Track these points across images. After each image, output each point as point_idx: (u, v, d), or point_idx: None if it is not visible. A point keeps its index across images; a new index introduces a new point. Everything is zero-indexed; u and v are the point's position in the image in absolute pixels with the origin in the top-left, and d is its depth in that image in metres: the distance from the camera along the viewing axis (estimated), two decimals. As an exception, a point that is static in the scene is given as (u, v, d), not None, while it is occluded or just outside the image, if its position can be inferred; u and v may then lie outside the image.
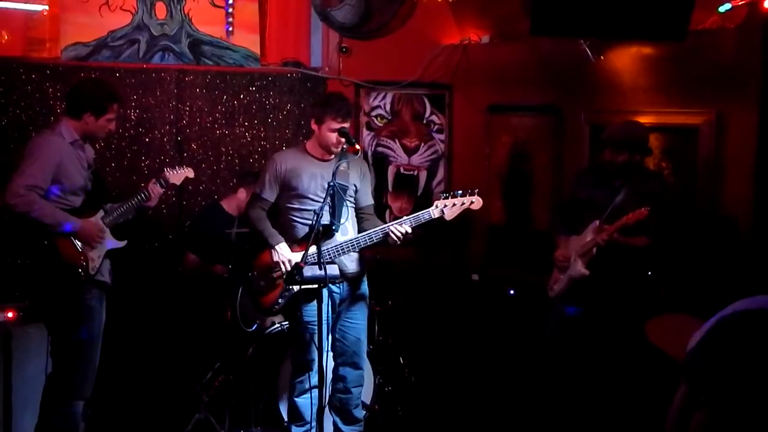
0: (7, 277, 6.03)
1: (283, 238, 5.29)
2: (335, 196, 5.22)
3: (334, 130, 5.22)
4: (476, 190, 5.23)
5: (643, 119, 6.31)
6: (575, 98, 7.09)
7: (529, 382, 6.12)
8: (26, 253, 5.03)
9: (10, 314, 5.45)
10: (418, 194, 7.34)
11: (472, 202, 5.23)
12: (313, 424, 5.21)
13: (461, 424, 6.27)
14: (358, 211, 5.48)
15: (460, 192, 5.21)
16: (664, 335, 4.89)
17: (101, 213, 5.17)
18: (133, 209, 5.30)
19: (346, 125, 5.27)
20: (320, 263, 4.78)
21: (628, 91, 6.87)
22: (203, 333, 6.27)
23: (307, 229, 5.19)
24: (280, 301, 5.25)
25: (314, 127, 5.33)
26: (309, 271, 4.78)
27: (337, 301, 5.38)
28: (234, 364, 5.81)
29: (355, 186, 5.40)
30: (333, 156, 5.29)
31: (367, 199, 5.54)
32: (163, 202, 6.40)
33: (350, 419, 5.57)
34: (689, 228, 6.15)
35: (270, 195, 5.38)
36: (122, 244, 5.25)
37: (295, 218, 5.32)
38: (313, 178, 5.24)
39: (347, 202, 5.35)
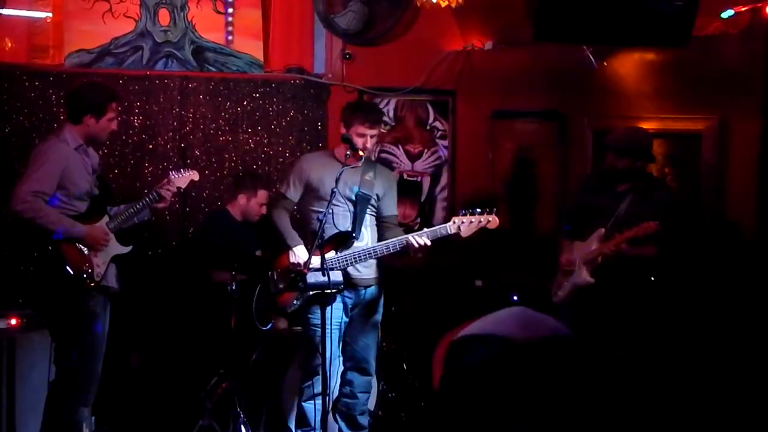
0: (10, 284, 6.04)
1: (302, 241, 5.33)
2: (357, 204, 5.28)
3: (361, 136, 5.26)
4: (494, 210, 5.27)
5: (647, 125, 6.32)
6: (579, 104, 7.09)
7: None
8: (31, 260, 5.04)
9: (13, 321, 5.45)
10: (422, 200, 7.34)
11: (488, 221, 5.26)
12: (318, 431, 5.22)
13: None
14: (380, 220, 5.51)
15: (478, 210, 5.25)
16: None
17: (106, 218, 5.18)
18: (143, 210, 5.31)
19: (375, 131, 5.32)
20: (323, 270, 4.79)
21: (631, 97, 6.87)
22: (207, 339, 6.27)
23: (325, 231, 5.24)
24: (295, 302, 5.29)
25: (343, 131, 5.36)
26: (312, 277, 4.80)
27: (350, 306, 5.40)
28: (238, 371, 5.81)
29: (377, 195, 5.43)
30: (360, 162, 5.33)
31: (391, 210, 5.57)
32: (167, 209, 6.40)
33: (355, 425, 5.57)
34: (694, 234, 6.14)
35: (294, 195, 5.43)
36: (127, 249, 5.25)
37: (314, 220, 5.33)
38: (338, 183, 5.25)
39: (368, 210, 5.40)
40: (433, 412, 1.69)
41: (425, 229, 5.30)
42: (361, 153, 5.23)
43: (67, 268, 4.92)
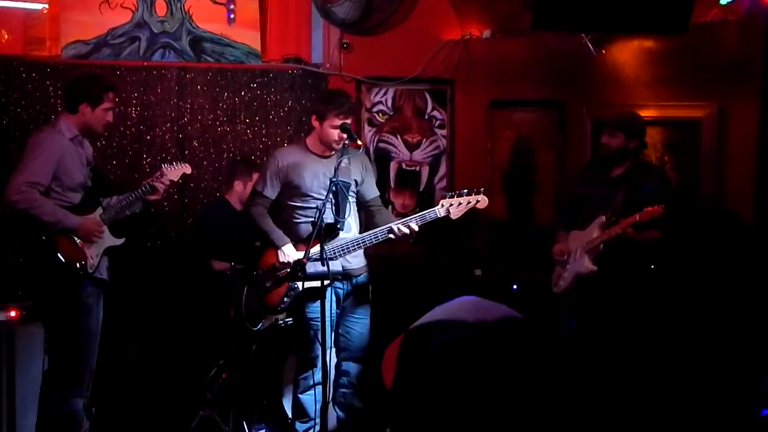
0: (9, 276, 6.03)
1: (289, 239, 5.28)
2: (338, 193, 5.23)
3: (335, 127, 5.22)
4: (482, 189, 5.25)
5: (645, 113, 6.31)
6: (577, 93, 7.08)
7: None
8: (25, 250, 5.04)
9: (12, 313, 5.45)
10: (421, 190, 7.34)
11: (477, 201, 5.24)
12: (317, 420, 5.22)
13: (463, 420, 6.25)
14: (366, 205, 5.48)
15: (465, 191, 5.22)
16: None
17: (99, 210, 5.16)
18: (136, 202, 5.30)
19: (348, 121, 5.28)
20: (323, 259, 4.78)
21: (630, 85, 6.86)
22: (207, 330, 6.27)
23: (309, 226, 5.18)
24: (285, 299, 5.26)
25: (315, 123, 5.33)
26: (312, 267, 4.80)
27: (341, 297, 5.39)
28: (237, 362, 5.81)
29: (356, 181, 5.40)
30: (334, 152, 5.30)
31: (373, 192, 5.54)
32: (165, 200, 6.40)
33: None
34: (692, 221, 6.14)
35: (271, 192, 5.38)
36: (120, 241, 5.24)
37: (297, 216, 5.32)
38: (315, 176, 5.24)
39: (349, 198, 5.36)
40: (392, 407, 1.67)
41: (412, 215, 5.28)
42: (359, 142, 5.22)
43: (60, 257, 4.91)
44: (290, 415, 5.61)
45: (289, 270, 5.16)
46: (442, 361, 1.59)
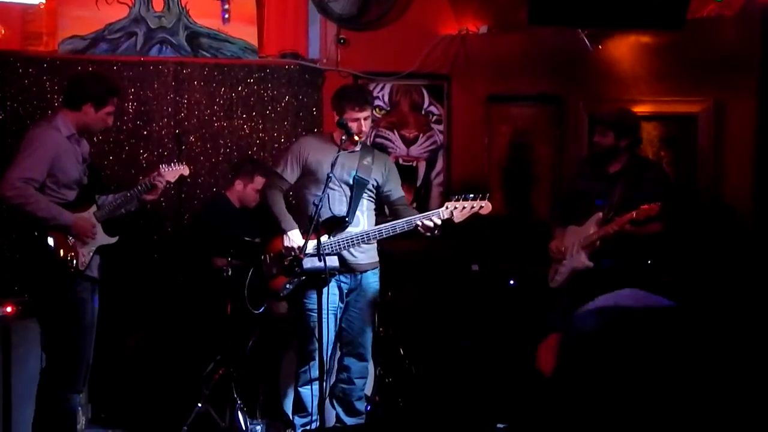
0: (6, 272, 6.03)
1: (296, 225, 5.30)
2: (354, 187, 5.26)
3: (355, 120, 5.26)
4: (487, 195, 5.26)
5: (642, 108, 6.32)
6: (574, 88, 7.08)
7: (530, 373, 6.11)
8: (18, 246, 5.03)
9: (9, 309, 5.44)
10: (417, 185, 7.33)
11: (481, 207, 5.27)
12: (315, 416, 5.22)
13: (462, 416, 6.26)
14: (392, 205, 5.52)
15: (471, 195, 5.25)
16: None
17: (94, 208, 5.15)
18: (132, 201, 5.28)
19: (367, 113, 5.32)
20: (320, 255, 4.78)
21: (627, 80, 6.87)
22: (204, 326, 6.27)
23: (322, 216, 5.22)
24: (288, 286, 5.26)
25: (337, 119, 5.36)
26: (308, 262, 4.79)
27: (345, 291, 5.40)
28: (235, 357, 5.81)
29: (376, 181, 5.43)
30: (358, 146, 5.32)
31: (399, 192, 5.60)
32: (162, 196, 6.38)
33: (352, 411, 5.58)
34: (690, 216, 6.15)
35: (291, 176, 5.40)
36: (113, 240, 5.21)
37: (310, 204, 5.32)
38: (335, 167, 5.24)
39: (365, 195, 5.39)
40: (553, 394, 1.66)
41: (418, 215, 5.30)
42: (356, 138, 5.23)
43: (52, 252, 4.90)
44: (288, 410, 5.62)
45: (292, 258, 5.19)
46: (604, 345, 1.59)
